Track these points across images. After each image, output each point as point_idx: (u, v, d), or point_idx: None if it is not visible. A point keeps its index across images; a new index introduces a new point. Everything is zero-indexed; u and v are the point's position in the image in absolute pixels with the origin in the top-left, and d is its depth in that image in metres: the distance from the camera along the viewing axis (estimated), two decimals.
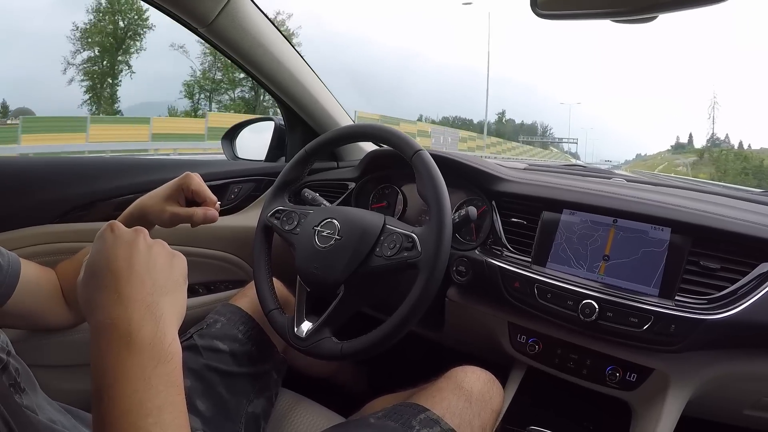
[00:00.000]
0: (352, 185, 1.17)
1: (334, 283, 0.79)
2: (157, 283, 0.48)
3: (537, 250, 0.88)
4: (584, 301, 0.79)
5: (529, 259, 0.88)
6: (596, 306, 0.78)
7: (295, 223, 0.89)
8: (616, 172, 1.30)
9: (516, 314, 0.89)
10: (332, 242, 0.80)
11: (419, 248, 0.73)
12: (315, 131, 1.28)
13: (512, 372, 0.96)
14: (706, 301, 0.75)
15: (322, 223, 0.83)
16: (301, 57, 1.17)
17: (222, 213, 1.16)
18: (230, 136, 1.42)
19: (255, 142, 1.41)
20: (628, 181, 1.09)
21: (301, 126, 1.28)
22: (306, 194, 1.02)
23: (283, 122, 1.32)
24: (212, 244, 1.15)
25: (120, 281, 0.46)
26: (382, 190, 1.18)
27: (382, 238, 0.78)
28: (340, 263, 0.78)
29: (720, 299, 0.74)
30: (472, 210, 0.84)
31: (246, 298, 0.96)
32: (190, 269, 0.54)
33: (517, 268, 0.87)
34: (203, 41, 1.05)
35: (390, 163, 1.12)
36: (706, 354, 0.76)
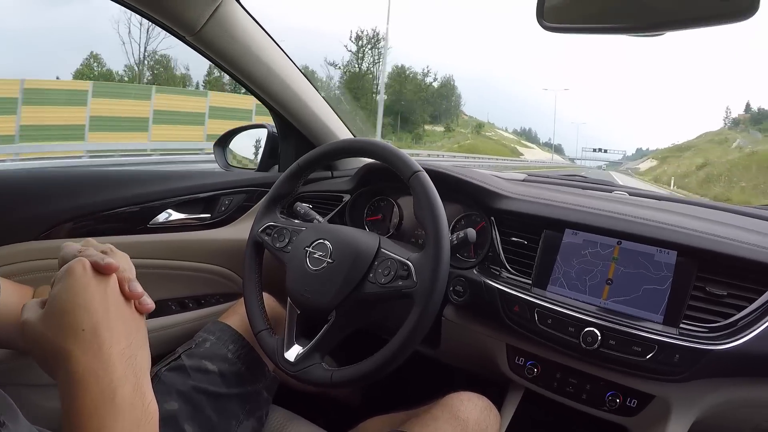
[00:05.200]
0: (346, 197, 1.14)
1: (326, 309, 0.76)
2: (132, 333, 0.45)
3: (538, 271, 0.85)
4: (586, 329, 0.76)
5: (530, 281, 0.85)
6: (598, 334, 0.75)
7: (286, 240, 0.86)
8: (619, 184, 1.26)
9: (514, 337, 0.86)
10: (324, 265, 0.77)
11: (414, 277, 0.70)
12: (309, 141, 1.24)
13: (509, 394, 0.93)
14: (710, 330, 0.73)
15: (313, 244, 0.80)
16: (295, 65, 1.13)
17: (213, 225, 1.14)
18: (222, 143, 1.38)
19: (248, 150, 1.37)
20: (630, 195, 1.06)
21: (294, 135, 1.24)
22: (298, 209, 0.99)
23: (276, 130, 1.28)
24: (202, 257, 1.12)
25: (99, 328, 0.42)
26: (377, 203, 1.15)
27: (376, 263, 0.75)
28: (331, 288, 0.75)
29: (726, 327, 0.72)
30: (471, 232, 0.81)
31: (236, 316, 0.94)
32: (180, 283, 0.52)
33: (517, 291, 0.84)
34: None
35: (386, 176, 1.09)
36: (709, 381, 0.74)
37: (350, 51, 40.49)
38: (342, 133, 1.27)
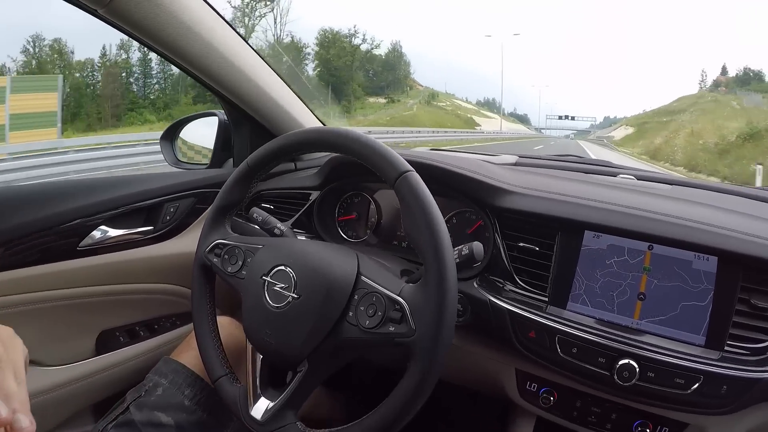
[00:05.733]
0: (314, 195, 0.96)
1: (294, 358, 0.60)
2: None
3: (555, 286, 0.70)
4: (622, 361, 0.62)
5: (545, 298, 0.71)
6: (636, 366, 0.62)
7: (240, 262, 0.69)
8: (623, 165, 1.11)
9: (526, 362, 0.72)
10: (288, 302, 0.60)
11: (412, 322, 0.53)
12: (266, 129, 1.04)
13: (518, 421, 0.81)
14: (755, 351, 0.61)
15: (273, 273, 0.63)
16: (246, 42, 0.92)
17: (157, 239, 0.95)
18: (170, 136, 1.18)
19: (202, 141, 1.17)
20: (639, 179, 0.92)
21: (248, 123, 1.04)
22: (255, 215, 0.81)
23: (227, 118, 1.07)
24: (149, 277, 0.94)
25: None
26: (350, 200, 0.98)
27: (356, 296, 0.58)
28: (300, 332, 0.59)
29: None
30: (478, 248, 0.63)
31: (191, 351, 0.78)
32: (126, 309, 0.39)
33: (531, 312, 0.69)
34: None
35: (360, 168, 0.92)
36: (753, 408, 0.63)
37: (234, 7, 31.96)
38: (306, 119, 1.07)
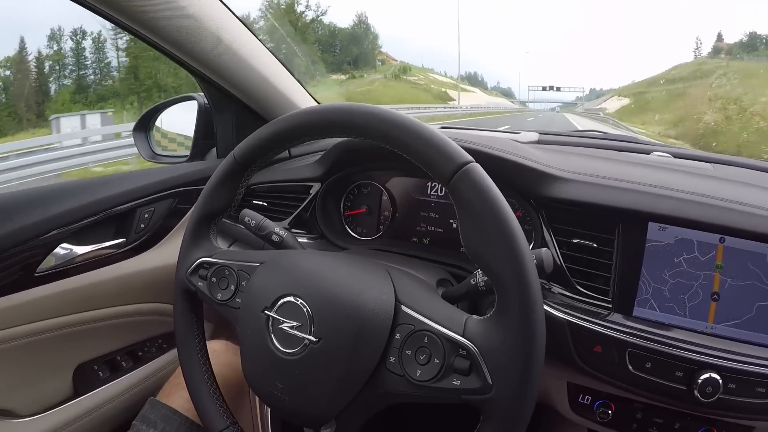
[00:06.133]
0: (315, 188, 0.83)
1: (317, 419, 0.48)
2: None
3: (619, 289, 0.61)
4: (704, 376, 0.54)
5: (608, 305, 0.62)
6: (719, 379, 0.54)
7: (233, 287, 0.55)
8: (655, 142, 1.02)
9: (585, 376, 0.64)
10: (303, 346, 0.47)
11: (487, 375, 0.40)
12: (254, 111, 0.89)
13: None
14: None
15: (278, 306, 0.49)
16: (223, 3, 0.75)
17: (132, 252, 0.80)
18: (144, 126, 1.02)
19: (182, 129, 1.00)
20: (675, 156, 0.84)
21: (233, 106, 0.88)
22: (247, 219, 0.66)
23: (207, 101, 0.90)
24: (126, 297, 0.80)
25: None
26: (358, 190, 0.85)
27: (397, 335, 0.44)
28: (323, 388, 0.46)
29: None
30: (548, 257, 0.51)
31: (182, 391, 0.65)
32: (103, 338, 0.28)
33: (595, 323, 0.60)
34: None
35: (371, 154, 0.79)
36: None
37: None
38: (301, 100, 0.91)
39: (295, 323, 0.47)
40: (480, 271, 0.52)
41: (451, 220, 0.78)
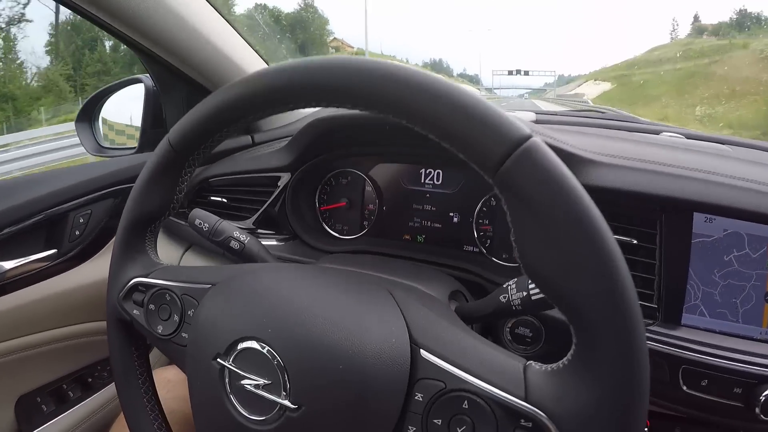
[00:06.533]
0: (283, 179, 0.70)
1: None
2: None
3: (666, 294, 0.50)
4: (767, 392, 0.45)
5: (652, 312, 0.51)
6: None
7: (176, 318, 0.41)
8: (663, 125, 0.89)
9: None
10: (279, 416, 0.32)
11: None
12: (206, 88, 0.75)
13: None
14: None
15: (236, 353, 0.35)
16: None
17: (66, 265, 0.67)
18: (87, 115, 0.89)
19: (130, 118, 0.87)
20: (688, 138, 0.72)
21: (181, 83, 0.74)
22: (198, 222, 0.53)
23: (154, 83, 0.77)
24: (64, 318, 0.68)
25: None
26: (336, 180, 0.73)
27: (418, 396, 0.31)
28: None
29: None
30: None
31: None
32: (44, 364, 0.21)
33: None
34: None
35: (349, 135, 0.66)
36: None
37: None
38: (251, 63, 0.77)
39: (261, 381, 0.33)
40: (514, 285, 0.39)
41: (451, 214, 0.66)
